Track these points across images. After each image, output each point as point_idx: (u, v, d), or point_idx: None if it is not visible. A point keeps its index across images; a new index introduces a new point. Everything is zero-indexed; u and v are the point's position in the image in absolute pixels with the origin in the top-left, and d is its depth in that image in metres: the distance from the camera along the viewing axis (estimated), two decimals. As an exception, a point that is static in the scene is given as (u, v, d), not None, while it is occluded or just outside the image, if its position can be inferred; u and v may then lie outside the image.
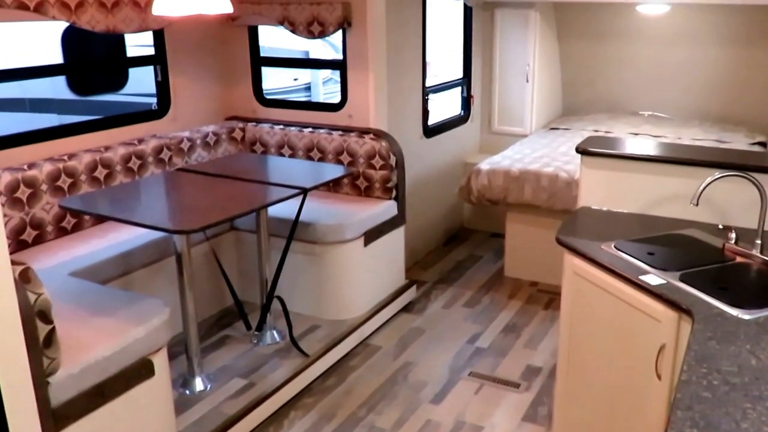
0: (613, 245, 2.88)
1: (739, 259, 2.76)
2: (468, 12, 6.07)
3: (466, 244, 6.09)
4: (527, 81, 6.22)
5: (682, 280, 2.53)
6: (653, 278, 2.56)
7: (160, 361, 3.04)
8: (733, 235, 2.82)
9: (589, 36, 6.57)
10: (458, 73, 6.23)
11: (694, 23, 6.18)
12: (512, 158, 5.32)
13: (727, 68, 6.16)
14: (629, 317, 2.65)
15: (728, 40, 6.11)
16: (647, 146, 3.80)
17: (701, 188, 2.70)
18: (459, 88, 6.21)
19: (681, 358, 2.38)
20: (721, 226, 2.91)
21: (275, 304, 4.06)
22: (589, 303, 2.91)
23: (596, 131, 6.13)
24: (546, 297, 5.07)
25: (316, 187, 3.85)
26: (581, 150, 3.47)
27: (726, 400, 1.74)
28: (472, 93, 6.24)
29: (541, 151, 5.49)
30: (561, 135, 6.08)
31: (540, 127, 6.43)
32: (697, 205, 2.69)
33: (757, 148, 5.61)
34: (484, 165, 5.22)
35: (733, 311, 2.25)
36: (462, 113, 6.25)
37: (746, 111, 6.14)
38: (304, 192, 3.69)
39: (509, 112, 6.37)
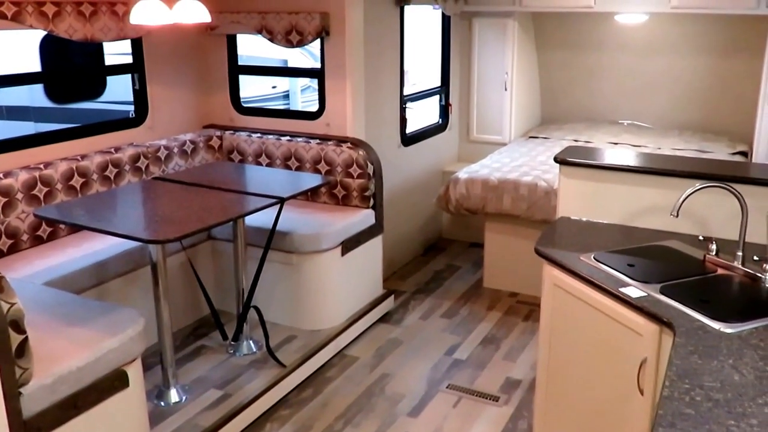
0: (592, 256, 2.90)
1: (720, 271, 2.79)
2: (446, 21, 6.17)
3: (445, 254, 6.16)
4: (506, 89, 6.32)
5: (662, 292, 2.55)
6: (634, 290, 2.58)
7: (135, 372, 3.07)
8: (714, 247, 2.85)
9: (568, 45, 6.69)
10: (436, 82, 6.32)
11: (673, 33, 6.31)
12: (491, 167, 5.40)
13: (706, 78, 6.26)
14: (610, 330, 2.66)
15: (707, 50, 6.23)
16: (627, 157, 3.84)
17: (681, 199, 2.71)
18: (437, 97, 6.30)
19: (663, 373, 2.35)
20: (701, 238, 2.96)
21: (252, 314, 4.11)
22: (569, 315, 2.93)
23: (575, 140, 6.23)
24: (525, 308, 5.14)
25: (293, 197, 3.91)
26: (560, 160, 3.50)
27: (709, 417, 1.73)
28: (450, 101, 6.33)
29: (520, 160, 5.58)
30: (540, 144, 6.17)
31: (518, 136, 6.52)
32: (677, 216, 2.70)
33: (738, 158, 5.70)
34: (463, 174, 5.30)
35: (715, 324, 2.27)
36: (440, 122, 6.34)
37: (726, 120, 6.24)
38: (281, 201, 3.74)
39: (488, 121, 6.47)
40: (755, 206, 2.78)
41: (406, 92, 5.62)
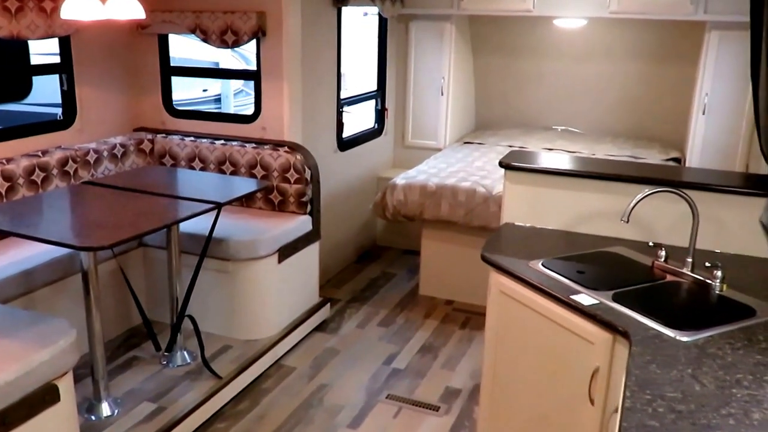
0: (540, 263, 2.92)
1: (669, 278, 2.83)
2: (383, 24, 6.22)
3: (379, 261, 6.21)
4: (442, 94, 6.40)
5: (615, 299, 2.56)
6: (585, 298, 2.59)
7: (66, 386, 3.00)
8: (663, 253, 2.89)
9: (505, 50, 6.83)
10: (372, 86, 6.36)
11: (608, 39, 6.48)
12: (428, 173, 5.46)
13: (639, 84, 6.45)
14: (560, 339, 2.66)
15: (641, 57, 6.42)
16: (572, 161, 3.89)
17: (632, 204, 2.72)
18: (373, 102, 6.34)
19: (615, 382, 2.44)
20: (651, 244, 2.97)
21: (186, 324, 4.06)
22: (517, 323, 2.94)
23: (510, 146, 6.32)
24: (462, 316, 5.21)
25: (230, 202, 3.88)
26: (505, 164, 3.53)
27: (674, 429, 1.73)
28: (387, 106, 6.38)
29: (457, 166, 5.66)
30: (475, 149, 6.27)
31: (453, 142, 6.61)
32: (627, 221, 2.72)
33: (671, 164, 5.80)
34: (400, 180, 5.34)
35: (671, 333, 2.28)
36: (376, 126, 6.39)
37: (658, 127, 6.43)
38: (218, 207, 3.71)
39: (423, 126, 6.54)
40: (704, 213, 2.82)
41: (342, 96, 5.64)
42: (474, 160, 5.87)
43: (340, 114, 5.57)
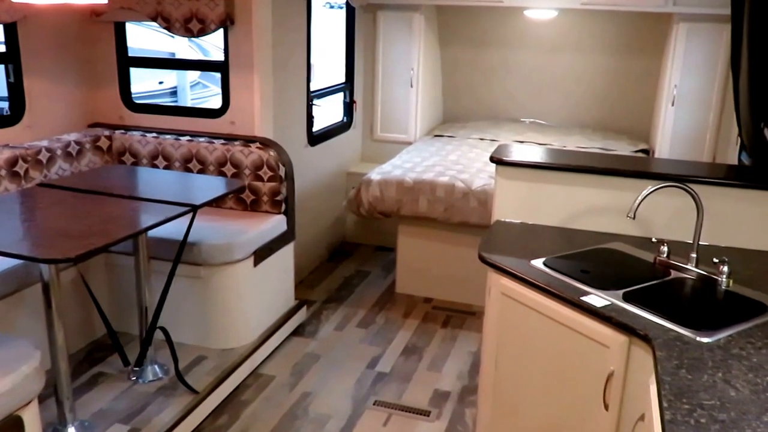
0: (542, 262, 2.75)
1: (674, 274, 2.70)
2: (351, 14, 5.87)
3: (352, 259, 5.87)
4: (411, 86, 6.10)
5: (626, 299, 2.41)
6: (596, 299, 2.43)
7: (31, 416, 2.64)
8: (665, 249, 2.77)
9: (473, 42, 6.55)
10: (341, 78, 6.01)
11: (577, 31, 6.30)
12: (403, 167, 5.15)
13: (606, 77, 6.31)
14: (570, 342, 2.50)
15: (609, 49, 6.26)
16: (565, 156, 3.73)
17: (639, 200, 2.58)
18: (341, 94, 5.99)
19: (632, 387, 2.32)
20: (654, 240, 2.86)
21: (156, 334, 3.66)
22: (520, 326, 2.75)
23: (481, 139, 6.12)
24: (443, 314, 4.93)
25: (208, 203, 3.48)
26: (496, 159, 3.33)
27: None
28: (355, 98, 6.04)
29: (432, 160, 5.37)
30: (447, 143, 6.00)
31: (423, 135, 6.32)
32: (633, 218, 2.59)
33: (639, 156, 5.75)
34: (375, 175, 5.02)
35: (690, 334, 2.15)
36: (344, 120, 6.04)
37: (625, 119, 6.31)
38: (194, 209, 3.33)
39: (392, 119, 6.24)
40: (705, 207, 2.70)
41: (312, 88, 5.27)
42: (448, 154, 5.60)
43: (310, 107, 5.21)
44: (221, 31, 4.27)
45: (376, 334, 4.62)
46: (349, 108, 6.01)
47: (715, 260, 2.56)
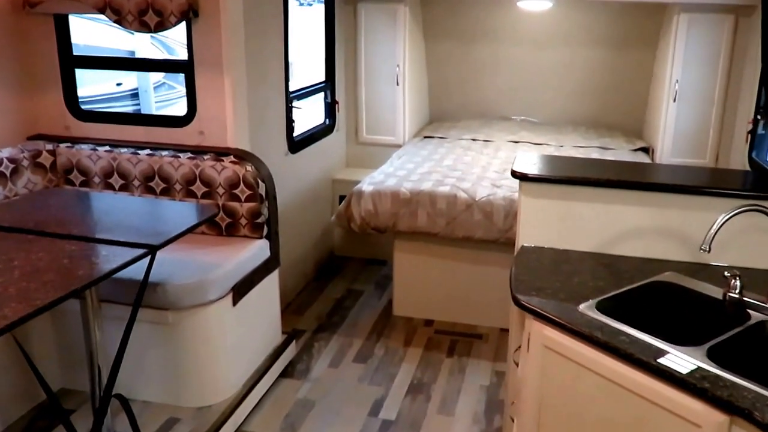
0: (594, 306, 2.08)
1: (754, 317, 2.02)
2: (330, 7, 4.94)
3: (341, 276, 4.95)
4: (398, 84, 5.21)
5: (711, 358, 1.78)
6: (677, 360, 1.77)
7: None
8: (738, 283, 2.08)
9: (460, 36, 5.68)
10: (320, 77, 5.08)
11: (569, 24, 5.52)
12: (396, 175, 4.27)
13: (598, 72, 5.59)
14: (642, 414, 1.81)
15: (601, 42, 5.52)
16: (601, 168, 3.00)
17: (715, 228, 2.02)
18: (321, 94, 5.05)
19: None
20: (727, 274, 2.11)
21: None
22: (571, 389, 2.03)
23: (474, 140, 5.31)
24: (447, 339, 4.09)
25: (167, 243, 2.53)
26: (520, 175, 2.63)
27: None
28: (337, 98, 5.12)
29: (426, 166, 4.51)
30: (439, 145, 5.13)
31: (412, 136, 5.45)
32: (709, 251, 2.03)
33: (641, 155, 5.05)
34: (366, 186, 4.13)
35: None
36: (327, 122, 5.11)
37: (617, 115, 5.63)
38: (152, 252, 2.41)
39: (379, 120, 5.34)
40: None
41: (291, 88, 4.32)
42: (442, 158, 4.74)
43: (289, 110, 4.27)
44: (184, 25, 3.32)
45: (376, 369, 3.75)
46: (331, 109, 5.08)
47: None
